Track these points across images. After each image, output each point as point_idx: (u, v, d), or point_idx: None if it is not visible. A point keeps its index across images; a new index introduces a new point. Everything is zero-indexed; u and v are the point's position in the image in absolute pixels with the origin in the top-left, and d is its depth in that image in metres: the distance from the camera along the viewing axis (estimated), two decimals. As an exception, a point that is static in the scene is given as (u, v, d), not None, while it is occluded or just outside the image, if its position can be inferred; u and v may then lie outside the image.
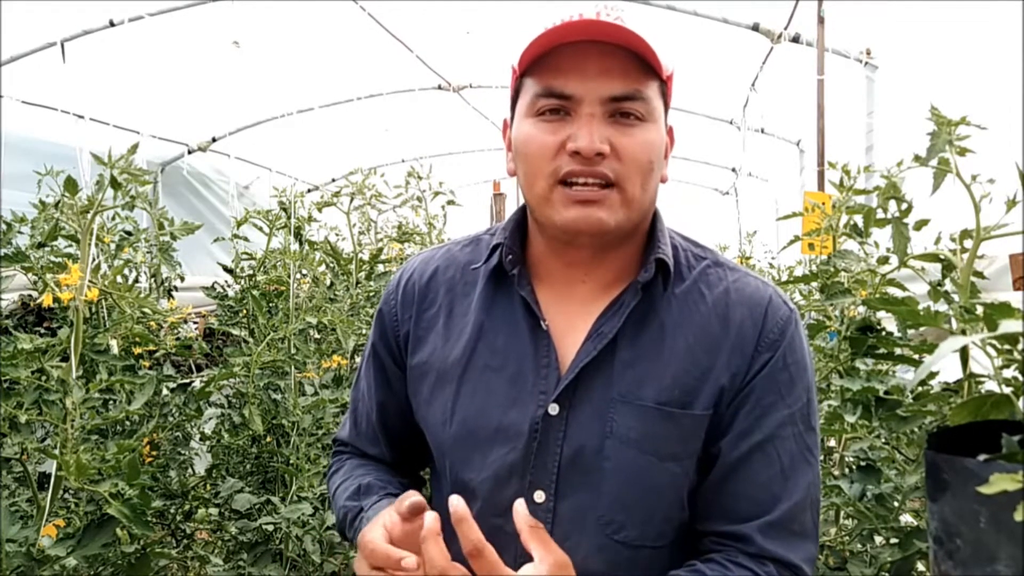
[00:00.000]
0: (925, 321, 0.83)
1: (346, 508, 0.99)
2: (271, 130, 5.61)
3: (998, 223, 0.91)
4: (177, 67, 4.40)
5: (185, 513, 2.15)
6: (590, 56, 0.84)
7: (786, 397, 0.88)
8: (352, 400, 1.13)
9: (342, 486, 1.04)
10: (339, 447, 1.15)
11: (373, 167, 3.38)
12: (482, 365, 0.93)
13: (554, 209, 0.86)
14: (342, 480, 1.05)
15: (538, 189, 0.87)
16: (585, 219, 0.85)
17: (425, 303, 1.00)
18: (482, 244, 1.01)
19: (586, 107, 0.84)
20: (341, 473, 1.08)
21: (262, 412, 2.16)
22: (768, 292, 0.92)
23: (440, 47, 4.77)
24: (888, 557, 1.17)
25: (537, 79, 0.86)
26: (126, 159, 1.48)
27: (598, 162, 0.83)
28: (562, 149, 0.84)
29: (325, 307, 2.54)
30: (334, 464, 1.13)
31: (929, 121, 0.98)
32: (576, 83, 0.84)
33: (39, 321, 2.61)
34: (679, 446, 0.88)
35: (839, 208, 1.32)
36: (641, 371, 0.88)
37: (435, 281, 1.00)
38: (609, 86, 0.84)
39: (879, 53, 3.78)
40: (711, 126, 5.75)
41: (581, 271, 0.93)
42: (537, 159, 0.86)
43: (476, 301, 0.96)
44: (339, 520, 1.02)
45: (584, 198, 0.84)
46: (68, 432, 1.39)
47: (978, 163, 0.97)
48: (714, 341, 0.89)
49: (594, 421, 0.88)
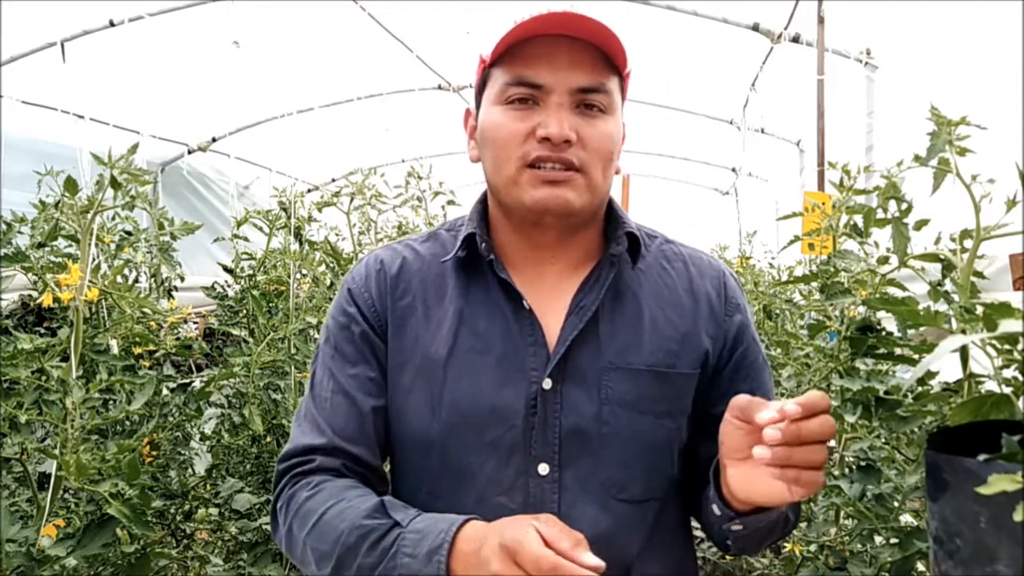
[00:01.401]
0: (925, 321, 0.83)
1: (366, 527, 0.83)
2: (271, 130, 5.61)
3: (998, 223, 0.91)
4: (177, 67, 4.40)
5: (185, 513, 2.15)
6: (560, 48, 0.89)
7: (755, 340, 1.05)
8: (315, 401, 0.97)
9: (342, 506, 0.86)
10: (297, 462, 0.94)
11: (373, 167, 3.38)
12: (466, 349, 0.94)
13: (522, 190, 0.91)
14: (335, 501, 0.87)
15: (507, 172, 0.92)
16: (554, 198, 0.90)
17: (398, 292, 0.99)
18: (442, 238, 1.04)
19: (555, 96, 0.89)
20: (326, 494, 0.89)
21: (262, 412, 2.16)
22: (718, 264, 1.06)
23: (440, 47, 4.77)
24: (888, 557, 1.17)
25: (508, 69, 0.92)
26: (126, 159, 1.48)
27: (565, 148, 0.89)
28: (531, 135, 0.90)
29: (325, 307, 2.54)
30: (299, 487, 0.92)
31: (929, 121, 0.98)
32: (547, 73, 0.89)
33: (39, 321, 2.61)
34: (672, 404, 0.97)
35: (839, 208, 1.32)
36: (625, 340, 0.95)
37: (405, 272, 1.01)
38: (577, 78, 0.89)
39: (879, 53, 3.78)
40: (711, 126, 5.75)
41: (548, 253, 0.98)
42: (507, 144, 0.91)
43: (452, 290, 0.98)
44: (347, 544, 0.83)
45: (552, 178, 0.90)
46: (68, 432, 1.39)
47: (978, 163, 0.97)
48: (686, 310, 0.99)
49: (589, 390, 0.93)
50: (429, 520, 0.81)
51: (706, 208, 7.58)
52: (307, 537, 0.87)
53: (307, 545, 0.87)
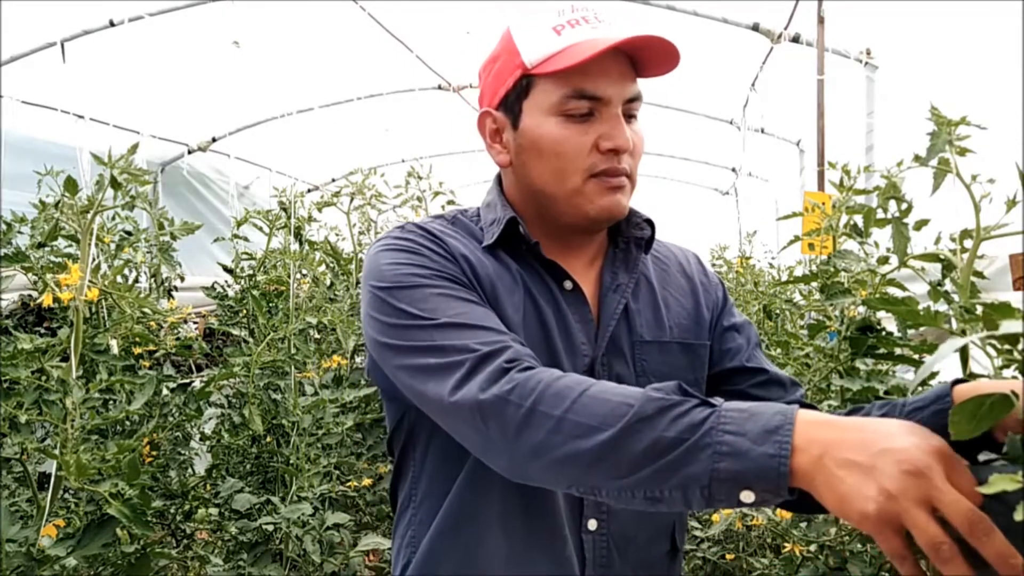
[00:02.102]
0: (925, 321, 0.83)
1: (666, 400, 0.71)
2: (271, 130, 5.61)
3: (998, 223, 0.91)
4: (177, 67, 4.40)
5: (185, 513, 2.15)
6: (610, 61, 0.92)
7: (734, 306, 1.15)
8: (461, 316, 0.86)
9: (608, 385, 0.76)
10: (490, 351, 0.81)
11: (373, 167, 3.39)
12: (533, 320, 0.96)
13: (586, 199, 0.95)
14: (593, 383, 0.76)
15: (572, 184, 0.95)
16: (616, 205, 0.95)
17: (470, 258, 0.96)
18: (461, 223, 1.03)
19: (614, 108, 0.93)
20: (576, 377, 0.78)
21: (262, 412, 2.17)
22: (689, 250, 1.17)
23: (440, 47, 4.77)
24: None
25: (565, 81, 0.92)
26: (126, 159, 1.48)
27: (624, 158, 0.94)
28: (594, 147, 0.93)
29: (325, 307, 2.54)
30: (528, 370, 0.78)
31: (929, 121, 0.98)
32: (606, 86, 0.92)
33: (39, 321, 2.61)
34: (697, 372, 1.04)
35: (839, 208, 1.32)
36: (649, 317, 1.03)
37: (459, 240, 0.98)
38: (628, 89, 0.94)
39: (879, 53, 3.78)
40: (711, 126, 5.75)
41: (575, 249, 1.03)
42: (572, 157, 0.94)
43: (506, 266, 0.98)
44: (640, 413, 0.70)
45: (615, 185, 0.95)
46: (68, 432, 1.39)
47: (978, 163, 0.97)
48: (686, 290, 1.09)
49: (627, 364, 0.99)
50: (749, 404, 0.70)
51: (706, 208, 7.58)
52: (567, 413, 0.73)
53: (566, 421, 0.73)
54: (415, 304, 0.87)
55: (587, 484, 0.74)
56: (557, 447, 0.73)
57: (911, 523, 0.56)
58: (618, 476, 0.71)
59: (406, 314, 0.87)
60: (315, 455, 2.23)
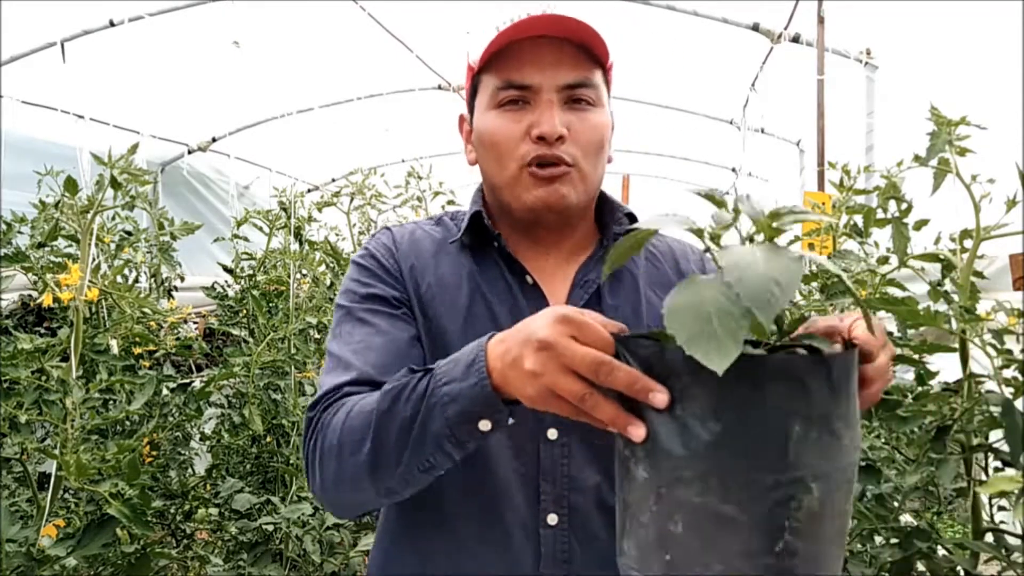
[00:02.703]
0: (925, 321, 0.83)
1: (396, 387, 0.78)
2: (271, 130, 5.61)
3: (998, 223, 0.91)
4: (177, 67, 4.40)
5: (185, 513, 2.15)
6: (543, 49, 0.93)
7: None
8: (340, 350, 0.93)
9: (366, 399, 0.82)
10: (322, 405, 0.88)
11: (373, 167, 3.39)
12: (479, 321, 0.97)
13: (524, 189, 0.95)
14: (357, 400, 0.83)
15: (508, 173, 0.96)
16: (552, 195, 0.94)
17: (419, 267, 1.01)
18: (445, 224, 1.08)
19: (544, 95, 0.93)
20: (348, 403, 0.84)
21: (262, 412, 2.17)
22: (692, 245, 1.11)
23: (440, 47, 4.77)
24: (888, 557, 1.17)
25: (496, 74, 0.95)
26: (126, 159, 1.48)
27: (558, 145, 0.93)
28: (526, 135, 0.93)
29: (325, 307, 2.54)
30: (332, 406, 0.86)
31: (929, 121, 0.98)
32: (534, 73, 0.93)
33: (39, 321, 2.61)
34: None
35: (839, 208, 1.32)
36: (624, 317, 0.99)
37: (420, 248, 1.04)
38: (563, 75, 0.93)
39: (879, 53, 3.78)
40: (711, 126, 5.75)
41: (546, 246, 1.02)
42: (506, 146, 0.95)
43: (459, 268, 1.01)
44: (380, 410, 0.77)
45: (549, 175, 0.94)
46: (68, 432, 1.39)
47: (978, 163, 0.97)
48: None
49: None
50: (456, 353, 0.76)
51: (706, 208, 7.57)
52: (340, 438, 0.81)
53: (342, 445, 0.80)
54: (336, 324, 0.98)
55: (381, 487, 0.79)
56: (346, 470, 0.80)
57: (558, 389, 0.64)
58: (396, 467, 0.77)
59: (331, 329, 0.99)
60: (315, 455, 2.23)
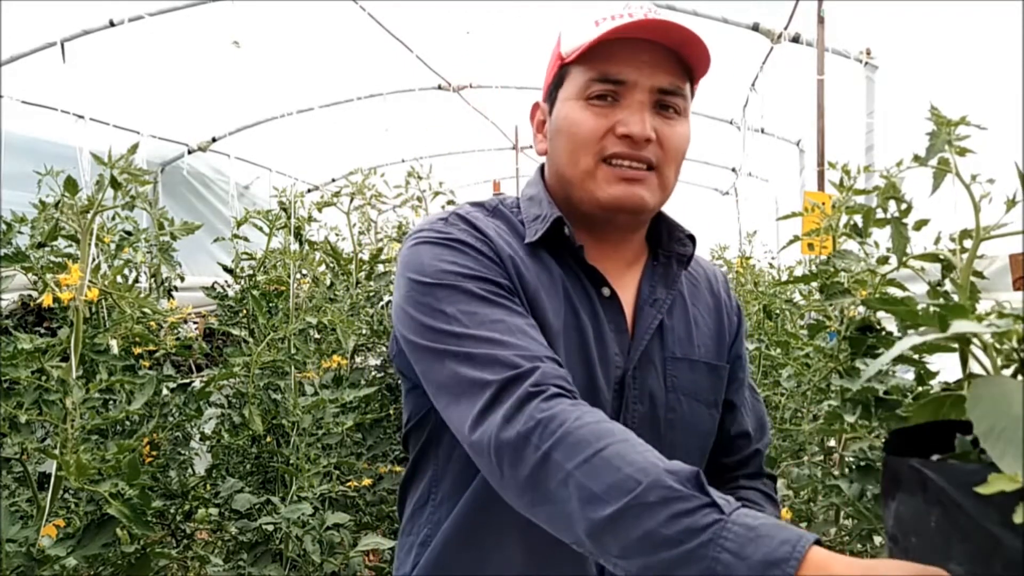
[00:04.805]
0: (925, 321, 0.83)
1: (673, 491, 0.66)
2: (271, 130, 5.61)
3: (998, 223, 0.91)
4: (177, 67, 4.40)
5: (185, 513, 2.15)
6: (642, 50, 0.91)
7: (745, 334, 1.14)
8: (494, 327, 0.83)
9: (623, 448, 0.71)
10: (516, 374, 0.78)
11: (373, 167, 3.39)
12: (571, 326, 0.94)
13: (597, 185, 0.93)
14: (613, 439, 0.72)
15: (583, 165, 0.93)
16: (629, 196, 0.92)
17: (516, 259, 0.93)
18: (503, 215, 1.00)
19: (638, 94, 0.91)
20: (595, 425, 0.73)
21: (262, 412, 2.17)
22: (717, 268, 1.15)
23: (440, 47, 4.77)
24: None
25: (591, 66, 0.93)
26: (126, 159, 1.48)
27: (644, 147, 0.91)
28: (610, 131, 0.91)
29: (325, 307, 2.54)
30: (554, 403, 0.75)
31: (929, 121, 0.98)
32: (631, 71, 0.91)
33: (39, 321, 2.61)
34: (717, 394, 1.04)
35: (839, 208, 1.32)
36: (681, 333, 1.02)
37: (505, 240, 0.95)
38: (659, 78, 0.92)
39: (879, 53, 3.78)
40: (711, 126, 5.75)
41: (611, 248, 1.00)
42: (585, 138, 0.92)
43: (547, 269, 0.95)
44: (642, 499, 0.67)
45: (628, 176, 0.92)
46: (68, 432, 1.39)
47: (978, 163, 0.97)
48: (712, 309, 1.08)
49: (658, 378, 0.98)
50: (762, 519, 0.64)
51: (706, 208, 7.58)
52: (576, 470, 0.70)
53: (573, 478, 0.71)
54: (455, 305, 0.85)
55: (582, 546, 0.71)
56: (561, 502, 0.71)
57: None
58: (610, 552, 0.69)
59: (443, 316, 0.84)
60: (315, 455, 2.23)
